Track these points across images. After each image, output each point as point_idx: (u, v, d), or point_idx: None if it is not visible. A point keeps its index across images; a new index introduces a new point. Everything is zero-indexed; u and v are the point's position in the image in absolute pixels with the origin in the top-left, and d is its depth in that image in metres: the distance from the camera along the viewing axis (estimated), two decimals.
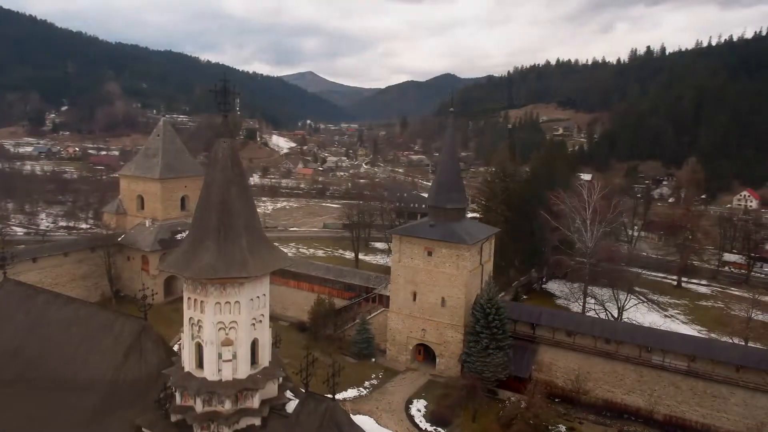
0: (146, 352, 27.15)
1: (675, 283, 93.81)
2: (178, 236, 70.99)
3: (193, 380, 23.04)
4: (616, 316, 63.67)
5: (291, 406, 24.08)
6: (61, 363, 27.69)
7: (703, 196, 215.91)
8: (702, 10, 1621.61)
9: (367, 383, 52.16)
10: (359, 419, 39.74)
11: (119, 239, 69.06)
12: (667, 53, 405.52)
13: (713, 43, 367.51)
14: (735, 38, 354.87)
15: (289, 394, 25.08)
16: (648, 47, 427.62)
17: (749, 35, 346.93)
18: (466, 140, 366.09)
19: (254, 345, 23.93)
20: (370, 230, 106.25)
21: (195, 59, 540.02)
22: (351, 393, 49.70)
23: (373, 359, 57.00)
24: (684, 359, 46.88)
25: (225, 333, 22.94)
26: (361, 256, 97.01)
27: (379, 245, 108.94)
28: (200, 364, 23.26)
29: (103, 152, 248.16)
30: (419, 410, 47.69)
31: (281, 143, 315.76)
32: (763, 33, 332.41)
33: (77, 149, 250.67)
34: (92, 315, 28.84)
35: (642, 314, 67.72)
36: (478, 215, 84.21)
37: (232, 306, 22.89)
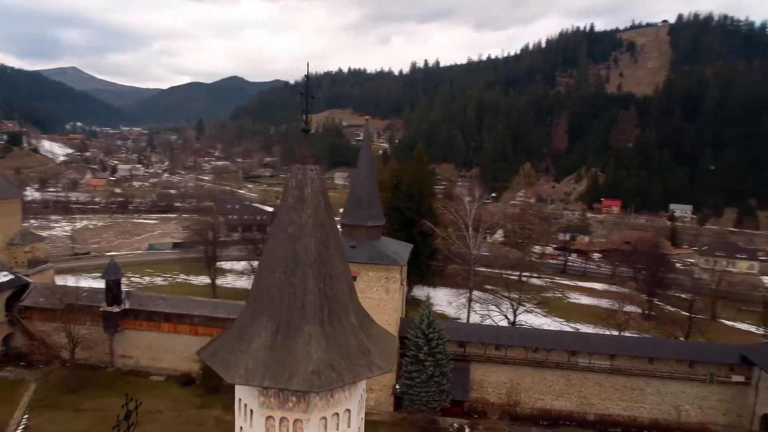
0: None
1: (516, 278, 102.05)
2: None
3: None
4: (512, 320, 65.64)
5: None
6: None
7: (493, 195, 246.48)
8: (460, 31, 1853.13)
9: None
10: None
11: None
12: (441, 66, 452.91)
13: (477, 60, 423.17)
14: (494, 56, 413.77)
15: None
16: (426, 61, 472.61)
17: (505, 54, 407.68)
18: (269, 145, 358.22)
19: None
20: (215, 249, 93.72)
21: None
22: None
23: None
24: (606, 358, 49.53)
25: None
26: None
27: (226, 266, 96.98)
28: None
29: None
30: None
31: (55, 149, 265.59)
32: (518, 52, 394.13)
33: None
34: None
35: (535, 316, 71.29)
36: None
37: (341, 417, 15.10)
